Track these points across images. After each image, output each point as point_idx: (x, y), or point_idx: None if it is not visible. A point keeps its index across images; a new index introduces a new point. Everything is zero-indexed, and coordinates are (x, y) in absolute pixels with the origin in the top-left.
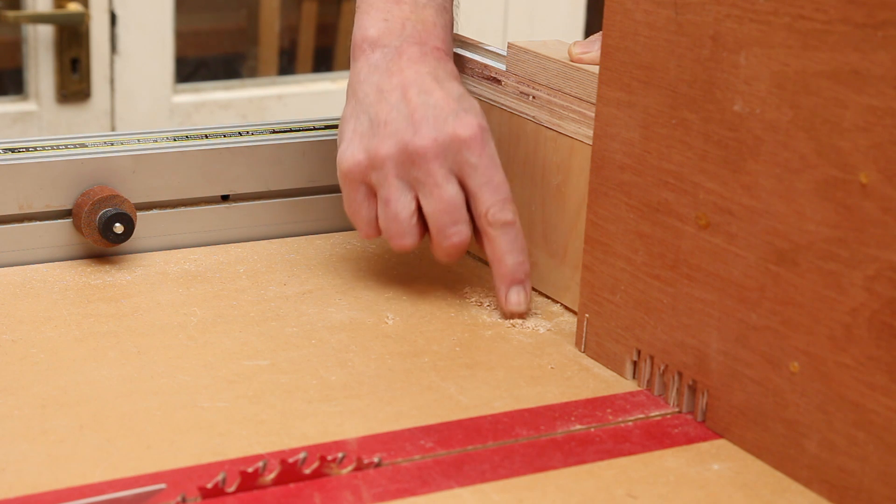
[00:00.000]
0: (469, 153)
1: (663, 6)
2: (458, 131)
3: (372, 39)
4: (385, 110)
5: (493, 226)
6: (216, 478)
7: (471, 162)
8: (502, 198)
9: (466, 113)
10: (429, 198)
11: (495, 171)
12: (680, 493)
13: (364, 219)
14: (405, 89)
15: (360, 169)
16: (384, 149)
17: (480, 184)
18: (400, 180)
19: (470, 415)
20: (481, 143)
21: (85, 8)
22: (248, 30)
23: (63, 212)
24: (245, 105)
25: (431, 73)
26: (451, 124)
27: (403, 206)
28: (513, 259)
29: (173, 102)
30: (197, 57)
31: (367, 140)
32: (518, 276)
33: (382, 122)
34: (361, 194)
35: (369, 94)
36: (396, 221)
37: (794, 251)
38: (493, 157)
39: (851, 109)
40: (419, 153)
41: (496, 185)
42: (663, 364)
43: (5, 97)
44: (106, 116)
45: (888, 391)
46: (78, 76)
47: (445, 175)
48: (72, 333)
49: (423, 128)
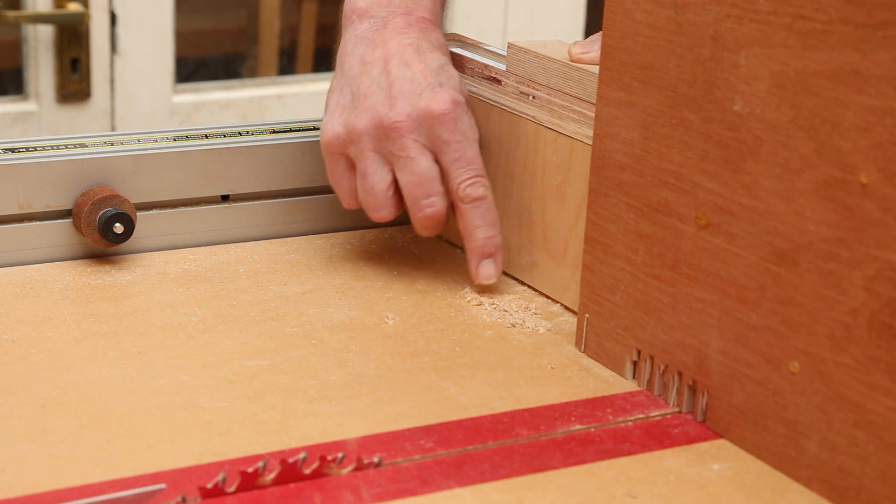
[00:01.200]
0: (441, 129)
1: (663, 6)
2: (431, 106)
3: (360, 10)
4: (366, 83)
5: (464, 201)
6: (216, 478)
7: (443, 137)
8: (473, 173)
9: (441, 87)
10: (403, 171)
11: (468, 147)
12: (680, 493)
13: (345, 189)
14: (386, 61)
15: (339, 142)
16: (361, 123)
17: (452, 160)
18: (376, 153)
19: (470, 415)
20: (453, 119)
21: (85, 8)
22: (248, 30)
23: (63, 212)
24: (245, 105)
25: (413, 45)
26: (426, 99)
27: (380, 179)
28: (483, 233)
29: (173, 102)
30: (197, 57)
31: (346, 113)
32: (488, 250)
33: (362, 95)
34: (342, 166)
35: (353, 66)
36: (373, 194)
37: (794, 251)
38: (465, 132)
39: (851, 109)
40: (393, 127)
41: (468, 161)
42: (663, 364)
43: (5, 97)
44: (106, 116)
45: (888, 391)
46: (78, 76)
47: (419, 149)
48: (72, 333)
49: (398, 102)
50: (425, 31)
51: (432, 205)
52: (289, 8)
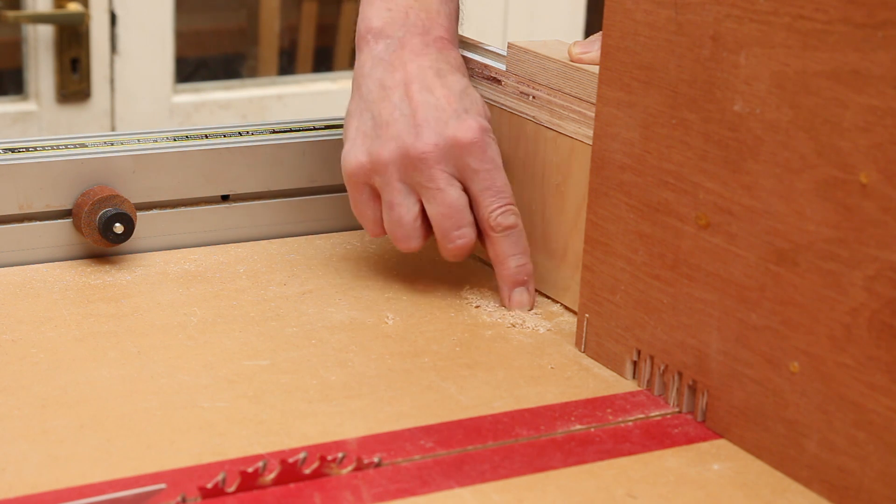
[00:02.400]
0: (470, 158)
1: (663, 6)
2: (458, 135)
3: (376, 30)
4: (388, 110)
5: (496, 230)
6: (216, 478)
7: (472, 167)
8: (504, 202)
9: (467, 114)
10: (432, 202)
11: (497, 175)
12: (680, 493)
13: (370, 219)
14: (407, 86)
15: (364, 171)
16: (386, 153)
17: (482, 188)
18: (403, 184)
19: (470, 415)
20: (482, 147)
21: (85, 8)
22: (248, 30)
23: (63, 212)
24: (245, 105)
25: (434, 67)
26: (453, 127)
27: (407, 210)
28: (515, 262)
29: (173, 102)
30: (197, 57)
31: (370, 142)
32: (521, 278)
33: (385, 122)
34: (366, 195)
35: (372, 90)
36: (401, 226)
37: (794, 251)
38: (494, 159)
39: (851, 109)
40: (421, 158)
41: (498, 189)
42: (663, 364)
43: (5, 97)
44: (106, 116)
45: (888, 391)
46: (78, 76)
47: (447, 179)
48: (72, 333)
49: (424, 131)
50: (443, 51)
51: (463, 236)
52: (289, 8)
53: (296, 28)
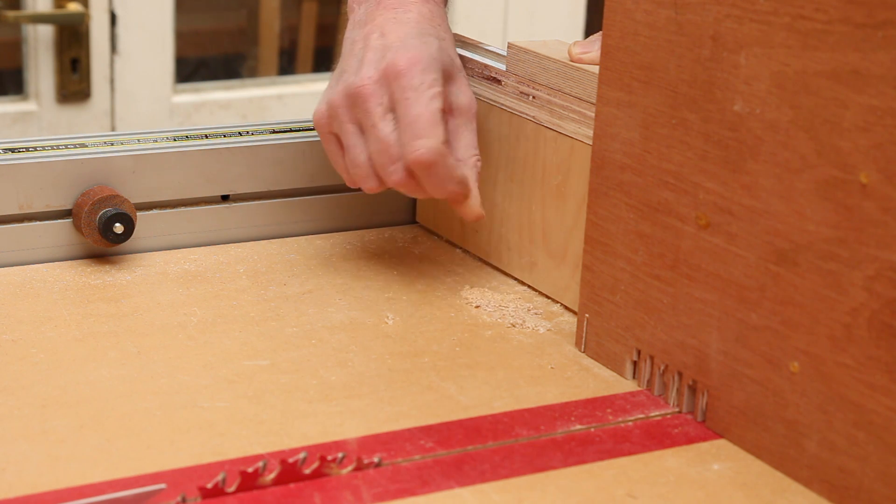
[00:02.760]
0: (395, 86)
1: (663, 6)
2: (392, 62)
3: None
4: (348, 60)
5: (409, 165)
6: (216, 478)
7: (395, 96)
8: (412, 135)
9: (405, 48)
10: (368, 138)
11: (413, 104)
12: (680, 493)
13: (340, 168)
14: (368, 36)
15: (325, 120)
16: (336, 97)
17: (400, 117)
18: (353, 124)
19: (470, 415)
20: (406, 78)
21: (85, 8)
22: (248, 30)
23: (63, 212)
24: (245, 105)
25: (398, 18)
26: (390, 57)
27: (360, 150)
28: (441, 193)
29: (173, 102)
30: (197, 57)
31: (328, 92)
32: (454, 199)
33: (342, 71)
34: (333, 145)
35: (345, 48)
36: (356, 166)
37: (794, 251)
38: (417, 87)
39: (851, 109)
40: (356, 93)
41: (410, 121)
42: (663, 364)
43: (5, 97)
44: (106, 116)
45: (888, 391)
46: (78, 76)
47: (381, 113)
48: (72, 333)
49: (364, 67)
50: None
51: (395, 172)
52: (289, 8)
53: (296, 28)
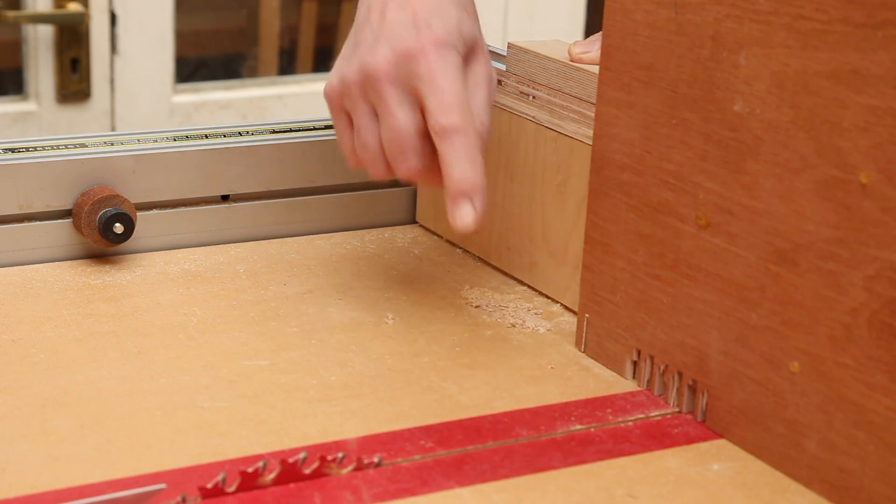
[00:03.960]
0: (417, 64)
1: (663, 6)
2: (410, 45)
3: None
4: (364, 32)
5: (439, 135)
6: (216, 478)
7: (418, 73)
8: (446, 103)
9: (428, 28)
10: (382, 124)
11: (444, 79)
12: (680, 493)
13: (347, 147)
14: (385, 6)
15: (336, 94)
16: (350, 73)
17: (427, 93)
18: (366, 104)
19: (470, 415)
20: (433, 55)
21: (85, 8)
22: (248, 30)
23: (63, 212)
24: (245, 105)
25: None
26: (406, 39)
27: (370, 133)
28: (457, 169)
29: (173, 102)
30: (197, 57)
31: (343, 64)
32: (462, 188)
33: (357, 43)
34: (343, 122)
35: (360, 16)
36: (367, 150)
37: (794, 251)
38: (444, 68)
39: (851, 109)
40: (372, 74)
41: (441, 91)
42: (663, 364)
43: (5, 97)
44: (106, 116)
45: (888, 391)
46: (78, 76)
47: (399, 98)
48: (72, 333)
49: (380, 46)
50: None
51: (406, 163)
52: (289, 8)
53: (296, 28)
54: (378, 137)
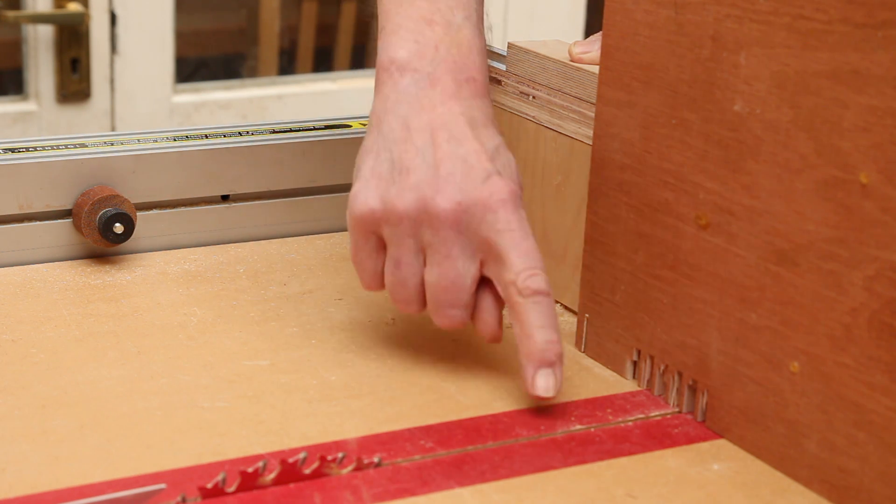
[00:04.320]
0: (495, 218)
1: (663, 6)
2: (485, 196)
3: (401, 62)
4: (410, 154)
5: (524, 293)
6: (216, 478)
7: (496, 227)
8: (533, 264)
9: (499, 175)
10: (434, 267)
11: (524, 237)
12: (680, 493)
13: (369, 271)
14: (435, 131)
15: (374, 219)
16: (402, 204)
17: (509, 248)
18: (414, 240)
19: (470, 415)
20: (511, 209)
21: (85, 8)
22: (248, 30)
23: (63, 212)
24: (245, 105)
25: (466, 115)
26: (479, 188)
27: (414, 272)
28: (544, 336)
29: (173, 102)
30: (197, 57)
31: (385, 186)
32: (548, 357)
33: (405, 168)
34: (371, 245)
35: (395, 128)
36: (404, 287)
37: (794, 251)
38: (522, 222)
39: (851, 109)
40: (437, 217)
41: (526, 251)
42: (663, 364)
43: (5, 97)
44: (106, 116)
45: (888, 391)
46: (78, 76)
47: (461, 247)
48: (72, 333)
49: (447, 187)
50: (477, 97)
51: (452, 318)
52: (289, 8)
53: (296, 28)
54: (421, 277)
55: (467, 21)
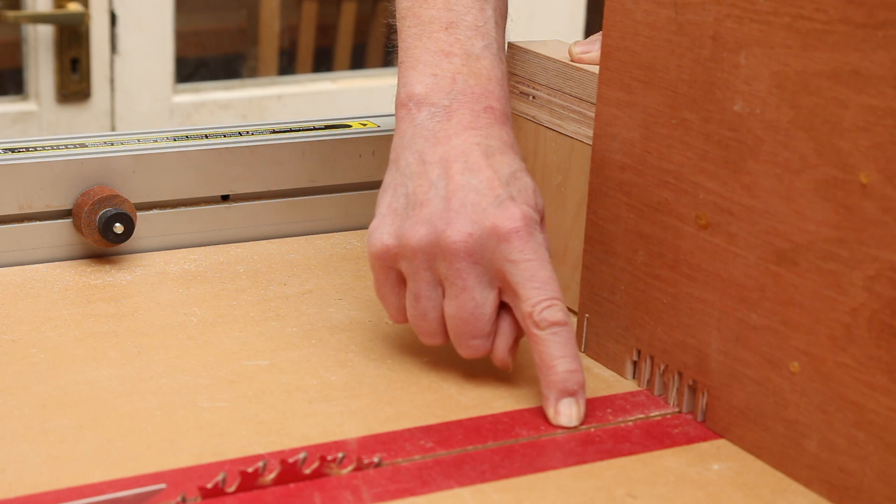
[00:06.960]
0: (509, 248)
1: (663, 6)
2: (497, 224)
3: (419, 97)
4: (423, 188)
5: (540, 326)
6: (216, 478)
7: (511, 257)
8: (549, 295)
9: (512, 201)
10: (452, 300)
11: (540, 267)
12: (680, 493)
13: (393, 305)
14: (448, 164)
15: (390, 255)
16: (415, 238)
17: (524, 279)
18: (430, 273)
19: (470, 415)
20: (525, 237)
21: (85, 8)
22: (248, 30)
23: (63, 212)
24: (245, 105)
25: (482, 145)
26: (491, 215)
27: (433, 304)
28: (564, 366)
29: (173, 102)
30: (197, 57)
31: (399, 222)
32: (570, 387)
33: (419, 202)
34: (391, 280)
35: (411, 163)
36: (425, 320)
37: (794, 251)
38: (537, 250)
39: (851, 109)
40: (449, 249)
41: (543, 281)
42: (663, 364)
43: (5, 97)
44: (106, 116)
45: (888, 391)
46: (78, 76)
47: (477, 277)
48: (72, 333)
49: (458, 218)
50: (495, 125)
51: (474, 348)
52: (289, 8)
53: (296, 28)
54: (440, 309)
55: (486, 50)
